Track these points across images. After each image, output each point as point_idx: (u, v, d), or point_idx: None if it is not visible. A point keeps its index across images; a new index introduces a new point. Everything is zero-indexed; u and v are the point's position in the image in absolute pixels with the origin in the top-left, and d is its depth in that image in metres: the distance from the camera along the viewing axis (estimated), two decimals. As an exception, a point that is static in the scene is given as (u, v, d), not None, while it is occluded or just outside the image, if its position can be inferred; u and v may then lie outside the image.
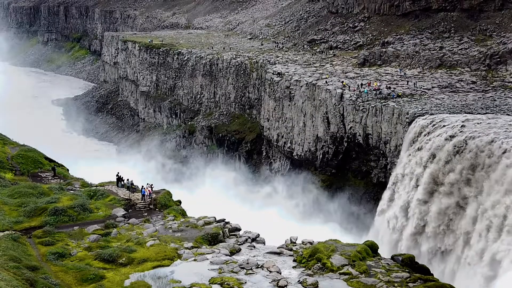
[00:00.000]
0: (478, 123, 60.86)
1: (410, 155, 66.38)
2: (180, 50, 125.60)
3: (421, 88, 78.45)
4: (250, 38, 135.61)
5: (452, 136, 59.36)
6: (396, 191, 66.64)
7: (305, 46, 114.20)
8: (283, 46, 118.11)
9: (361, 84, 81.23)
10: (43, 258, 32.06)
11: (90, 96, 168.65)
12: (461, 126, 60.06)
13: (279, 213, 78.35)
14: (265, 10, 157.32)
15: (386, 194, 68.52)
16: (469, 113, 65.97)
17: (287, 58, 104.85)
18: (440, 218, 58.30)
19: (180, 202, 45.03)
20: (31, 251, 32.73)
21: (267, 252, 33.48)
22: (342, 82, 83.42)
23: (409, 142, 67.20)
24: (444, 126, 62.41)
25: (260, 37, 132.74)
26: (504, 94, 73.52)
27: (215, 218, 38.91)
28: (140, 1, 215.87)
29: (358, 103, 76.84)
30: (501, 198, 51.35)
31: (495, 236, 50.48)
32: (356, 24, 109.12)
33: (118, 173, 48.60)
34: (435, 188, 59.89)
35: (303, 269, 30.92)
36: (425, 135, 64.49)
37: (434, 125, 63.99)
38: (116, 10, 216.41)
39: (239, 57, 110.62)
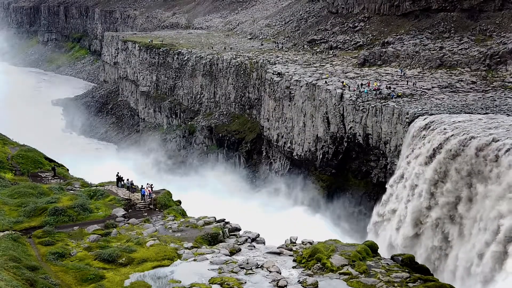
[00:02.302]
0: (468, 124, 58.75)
1: (392, 186, 65.25)
2: (180, 50, 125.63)
3: (421, 88, 78.46)
4: (250, 38, 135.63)
5: (432, 156, 57.87)
6: (378, 234, 64.94)
7: (305, 46, 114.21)
8: (283, 46, 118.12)
9: (361, 84, 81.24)
10: (43, 258, 32.04)
11: (90, 96, 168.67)
12: (444, 134, 58.11)
13: (278, 213, 78.33)
14: (265, 10, 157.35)
15: (369, 237, 67.18)
16: (469, 113, 65.94)
17: (287, 58, 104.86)
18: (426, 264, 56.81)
19: (180, 202, 44.99)
20: (31, 251, 32.71)
21: (267, 252, 33.45)
22: (342, 82, 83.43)
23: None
24: (426, 137, 60.75)
25: (260, 37, 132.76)
26: (504, 94, 73.52)
27: (215, 218, 38.88)
28: (140, 1, 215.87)
29: (358, 103, 76.84)
30: (476, 239, 49.13)
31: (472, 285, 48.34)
32: (356, 24, 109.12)
33: (118, 173, 48.59)
34: (419, 226, 57.89)
35: (303, 269, 30.89)
36: (407, 157, 63.45)
37: (418, 139, 62.26)
38: (116, 10, 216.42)
39: (239, 57, 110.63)
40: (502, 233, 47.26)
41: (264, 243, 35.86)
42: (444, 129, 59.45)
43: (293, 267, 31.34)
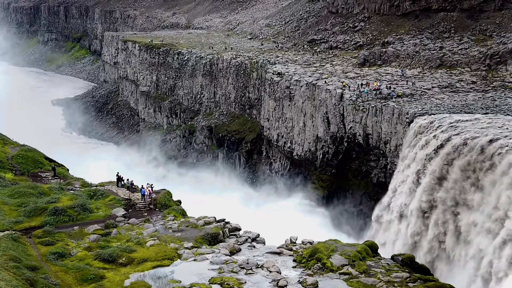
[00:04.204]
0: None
1: (378, 218, 63.42)
2: (180, 50, 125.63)
3: (421, 88, 78.46)
4: (250, 38, 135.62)
5: (417, 180, 56.58)
6: None
7: (305, 46, 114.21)
8: (283, 46, 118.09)
9: (361, 84, 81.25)
10: (43, 258, 32.04)
11: (90, 96, 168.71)
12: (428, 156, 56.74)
13: (278, 213, 78.33)
14: (265, 10, 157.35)
15: None
16: (469, 112, 65.89)
17: (287, 58, 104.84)
18: None
19: (180, 202, 45.00)
20: (31, 251, 32.72)
21: (267, 252, 33.45)
22: (342, 82, 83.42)
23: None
24: (408, 155, 59.40)
25: (260, 37, 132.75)
26: (504, 94, 73.49)
27: (215, 218, 38.91)
28: (140, 1, 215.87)
29: (358, 103, 76.83)
30: (460, 278, 47.24)
31: None
32: (356, 24, 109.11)
33: (118, 173, 48.62)
34: None
35: (303, 269, 30.90)
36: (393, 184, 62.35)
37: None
38: (116, 10, 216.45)
39: (239, 57, 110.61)
40: (480, 272, 45.89)
41: (264, 243, 35.87)
42: (426, 142, 58.57)
43: (293, 267, 31.35)
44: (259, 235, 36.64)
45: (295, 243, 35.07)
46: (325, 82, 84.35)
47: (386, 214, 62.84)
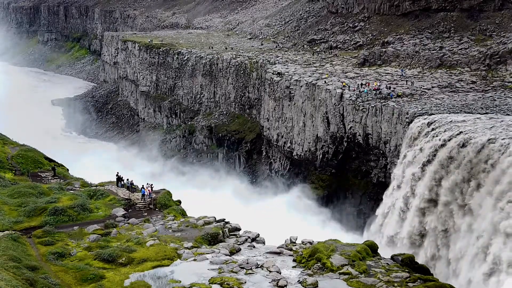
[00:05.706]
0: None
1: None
2: (180, 50, 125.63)
3: (420, 88, 78.46)
4: (250, 38, 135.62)
5: (406, 205, 56.09)
6: None
7: (305, 46, 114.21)
8: (283, 46, 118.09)
9: (361, 84, 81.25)
10: (43, 258, 32.04)
11: (90, 96, 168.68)
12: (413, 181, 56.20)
13: (278, 213, 78.32)
14: (265, 10, 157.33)
15: None
16: (469, 112, 65.87)
17: (287, 58, 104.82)
18: None
19: (180, 202, 45.01)
20: (31, 251, 32.72)
21: (267, 252, 33.45)
22: (342, 82, 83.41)
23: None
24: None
25: (260, 37, 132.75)
26: (504, 94, 73.51)
27: (215, 218, 38.91)
28: (140, 1, 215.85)
29: (358, 103, 76.83)
30: None
31: None
32: (356, 24, 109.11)
33: (117, 173, 48.60)
34: None
35: (303, 269, 30.90)
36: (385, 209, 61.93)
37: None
38: (116, 10, 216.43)
39: (239, 57, 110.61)
40: None
41: (264, 243, 35.87)
42: (413, 157, 57.67)
43: (293, 267, 31.34)
44: (259, 235, 36.65)
45: (295, 243, 35.06)
46: (325, 82, 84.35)
47: (377, 240, 62.51)
